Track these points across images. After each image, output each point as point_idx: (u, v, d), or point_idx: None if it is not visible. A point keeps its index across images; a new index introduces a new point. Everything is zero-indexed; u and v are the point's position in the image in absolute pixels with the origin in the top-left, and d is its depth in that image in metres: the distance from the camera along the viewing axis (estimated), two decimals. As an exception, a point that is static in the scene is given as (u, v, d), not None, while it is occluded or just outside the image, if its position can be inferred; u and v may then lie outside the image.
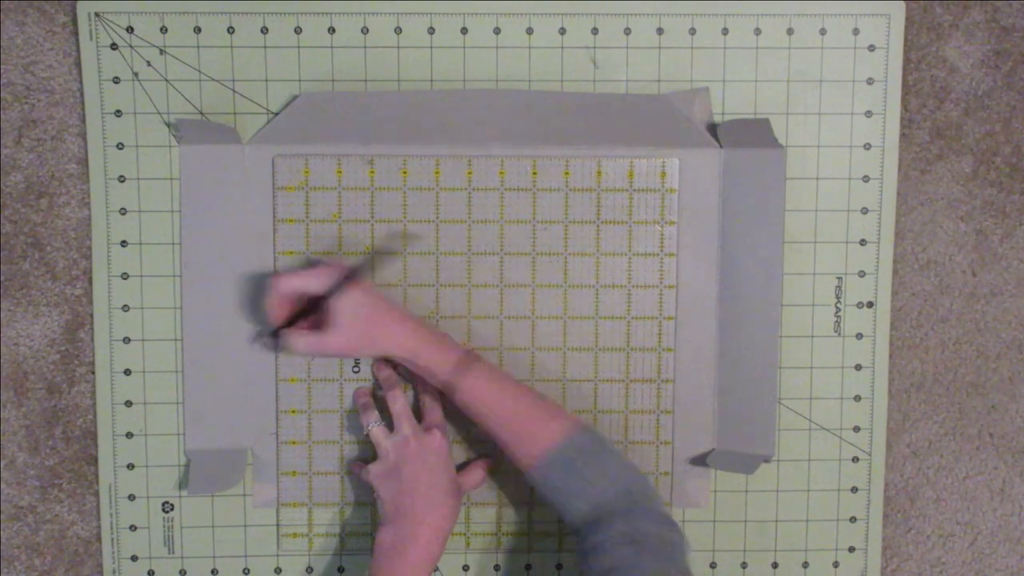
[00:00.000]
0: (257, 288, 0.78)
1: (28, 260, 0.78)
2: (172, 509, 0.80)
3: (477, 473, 0.77)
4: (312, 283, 0.71)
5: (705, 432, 0.80)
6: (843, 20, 0.78)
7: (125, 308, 0.78)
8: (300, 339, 0.71)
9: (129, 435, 0.79)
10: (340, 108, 0.76)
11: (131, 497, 0.79)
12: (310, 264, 0.75)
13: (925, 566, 0.84)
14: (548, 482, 0.70)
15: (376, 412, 0.76)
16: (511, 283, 0.79)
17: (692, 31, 0.78)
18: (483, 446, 0.79)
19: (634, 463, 0.72)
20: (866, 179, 0.80)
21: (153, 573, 0.80)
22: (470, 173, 0.78)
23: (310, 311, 0.73)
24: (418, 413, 0.77)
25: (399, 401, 0.75)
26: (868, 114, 0.79)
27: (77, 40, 0.76)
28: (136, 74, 0.76)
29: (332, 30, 0.77)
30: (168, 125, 0.77)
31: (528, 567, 0.81)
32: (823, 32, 0.78)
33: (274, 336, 0.74)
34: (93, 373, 0.79)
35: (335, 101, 0.76)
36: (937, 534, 0.84)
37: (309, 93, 0.76)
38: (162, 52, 0.76)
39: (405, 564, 0.70)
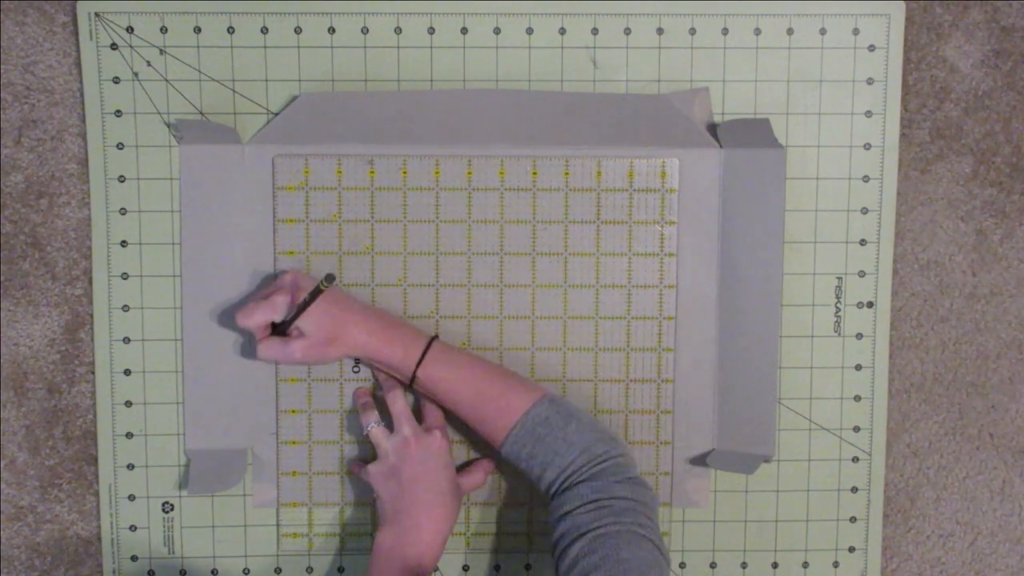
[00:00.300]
0: (257, 288, 0.78)
1: (28, 260, 0.78)
2: (172, 509, 0.80)
3: (478, 474, 0.77)
4: (272, 314, 0.72)
5: (705, 432, 0.80)
6: (843, 20, 0.78)
7: (125, 308, 0.78)
8: (267, 348, 0.72)
9: (129, 435, 0.79)
10: (340, 108, 0.76)
11: (131, 497, 0.79)
12: (271, 288, 0.74)
13: (925, 566, 0.84)
14: (516, 457, 0.71)
15: (376, 412, 0.76)
16: (511, 283, 0.79)
17: (692, 31, 0.78)
18: (484, 447, 0.79)
19: (602, 425, 0.72)
20: (866, 179, 0.79)
21: (153, 573, 0.80)
22: (470, 173, 0.78)
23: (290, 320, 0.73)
24: (418, 414, 0.77)
25: (399, 401, 0.75)
26: (868, 114, 0.79)
27: (77, 40, 0.76)
28: (136, 74, 0.76)
29: (332, 30, 0.77)
30: (168, 125, 0.77)
31: (528, 567, 0.81)
32: (823, 32, 0.78)
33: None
34: (93, 373, 0.79)
35: (335, 101, 0.76)
36: (937, 534, 0.84)
37: (309, 93, 0.76)
38: (162, 52, 0.76)
39: (405, 565, 0.70)
